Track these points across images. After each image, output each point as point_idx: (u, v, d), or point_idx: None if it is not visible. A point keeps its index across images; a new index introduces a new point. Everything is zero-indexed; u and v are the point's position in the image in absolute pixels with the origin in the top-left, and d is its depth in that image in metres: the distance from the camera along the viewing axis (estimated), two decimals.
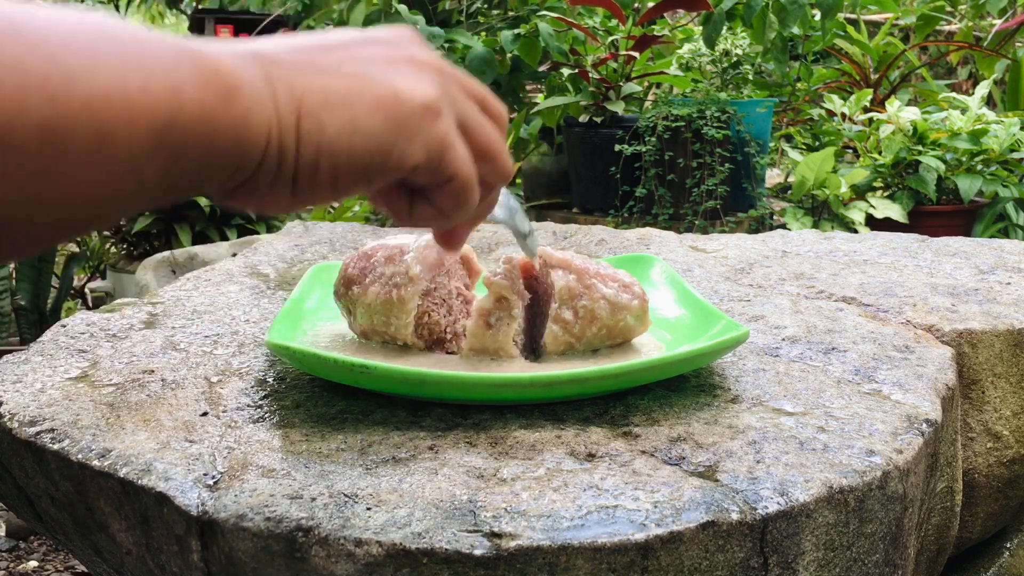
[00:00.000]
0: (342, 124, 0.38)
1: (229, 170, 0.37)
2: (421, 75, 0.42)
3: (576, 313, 0.68)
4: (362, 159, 0.39)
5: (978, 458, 0.80)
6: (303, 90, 0.38)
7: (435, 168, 0.42)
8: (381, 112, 0.39)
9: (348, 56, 0.41)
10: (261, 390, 0.68)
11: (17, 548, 1.54)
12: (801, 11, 2.95)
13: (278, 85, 0.37)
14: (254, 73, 0.37)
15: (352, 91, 0.39)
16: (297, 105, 0.38)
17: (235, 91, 0.35)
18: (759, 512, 0.51)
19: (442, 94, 0.42)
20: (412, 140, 0.40)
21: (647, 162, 2.76)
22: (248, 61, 0.37)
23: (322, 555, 0.48)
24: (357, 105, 0.39)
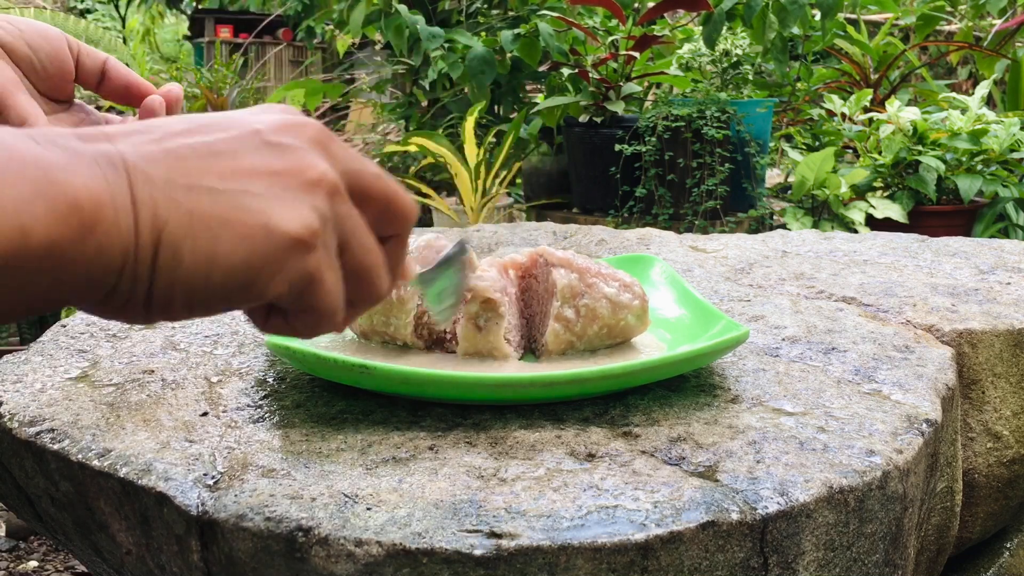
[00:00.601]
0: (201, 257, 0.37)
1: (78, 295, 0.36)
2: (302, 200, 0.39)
3: (578, 312, 0.68)
4: (219, 292, 0.38)
5: (978, 458, 0.80)
6: (166, 216, 0.36)
7: (296, 299, 0.41)
8: (246, 246, 0.38)
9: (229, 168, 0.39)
10: (261, 390, 0.68)
11: (17, 548, 1.54)
12: (801, 11, 2.95)
13: (141, 211, 0.36)
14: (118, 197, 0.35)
15: (220, 218, 0.37)
16: (157, 235, 0.36)
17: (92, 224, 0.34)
18: (759, 512, 0.51)
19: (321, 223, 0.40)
20: (275, 275, 0.39)
21: (647, 162, 2.76)
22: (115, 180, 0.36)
23: (322, 555, 0.48)
24: (221, 237, 0.37)
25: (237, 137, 0.40)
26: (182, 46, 9.13)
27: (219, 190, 0.38)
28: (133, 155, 0.37)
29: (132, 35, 7.77)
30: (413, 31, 3.30)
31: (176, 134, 0.39)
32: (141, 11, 7.79)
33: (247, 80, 4.36)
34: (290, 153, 0.40)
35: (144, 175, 0.36)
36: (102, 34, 3.09)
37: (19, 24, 0.68)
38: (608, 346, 0.71)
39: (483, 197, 3.02)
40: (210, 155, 0.39)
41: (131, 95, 0.72)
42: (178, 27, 9.71)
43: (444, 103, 3.62)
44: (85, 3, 9.57)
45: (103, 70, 0.71)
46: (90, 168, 0.35)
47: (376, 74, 4.20)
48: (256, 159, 0.39)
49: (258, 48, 7.20)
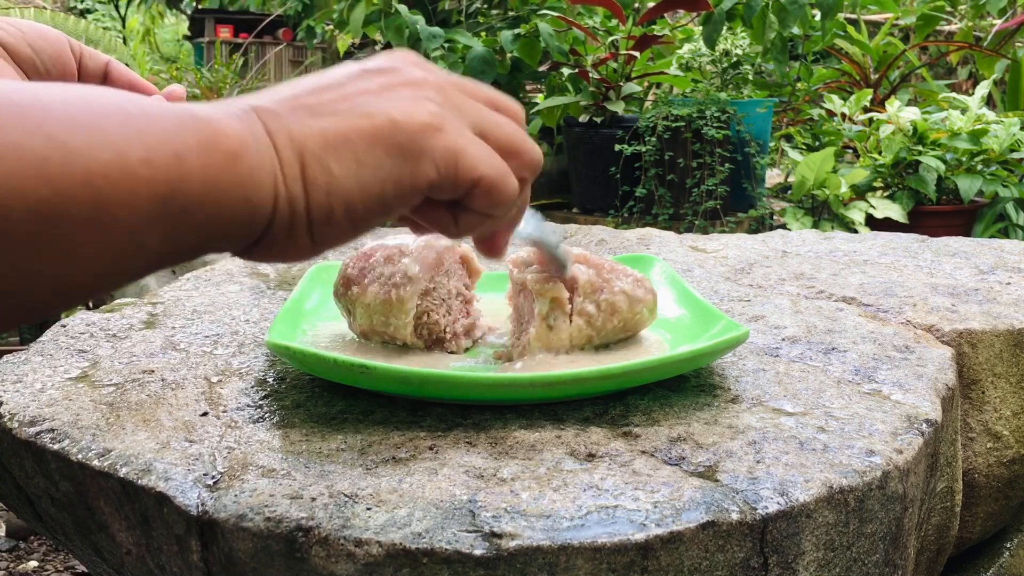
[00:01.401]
0: (346, 163, 0.39)
1: (242, 228, 0.38)
2: (417, 96, 0.42)
3: (598, 307, 0.69)
4: (373, 192, 0.40)
5: (978, 458, 0.80)
6: (302, 137, 0.39)
7: (453, 179, 0.42)
8: (381, 143, 0.40)
9: (341, 94, 0.42)
10: (261, 390, 0.68)
11: (17, 548, 1.54)
12: (801, 11, 2.95)
13: (277, 137, 0.38)
14: (255, 129, 0.38)
15: (349, 128, 0.40)
16: (299, 153, 0.39)
17: (238, 152, 0.36)
18: (759, 512, 0.51)
19: (441, 108, 0.43)
20: (419, 161, 0.41)
21: (647, 162, 2.76)
22: (246, 117, 0.38)
23: (322, 555, 0.48)
24: (357, 141, 0.40)
25: (339, 74, 0.43)
26: (182, 46, 9.14)
27: (339, 110, 0.41)
28: (256, 101, 0.40)
29: (132, 35, 7.77)
30: (413, 31, 3.30)
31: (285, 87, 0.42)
32: (141, 11, 7.79)
33: (247, 80, 4.36)
34: (389, 72, 0.44)
35: (270, 112, 0.39)
36: (102, 34, 3.08)
37: (21, 26, 0.68)
38: (619, 340, 0.72)
39: None
40: (320, 90, 0.42)
41: None
42: (178, 27, 9.71)
43: None
44: (85, 3, 9.57)
45: (105, 72, 0.71)
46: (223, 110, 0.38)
47: None
48: (361, 83, 0.43)
49: (258, 48, 7.20)
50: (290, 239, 0.39)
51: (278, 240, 0.39)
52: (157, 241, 0.34)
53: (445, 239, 0.73)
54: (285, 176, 0.38)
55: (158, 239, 0.34)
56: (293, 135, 0.39)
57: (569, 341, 0.70)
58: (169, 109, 0.35)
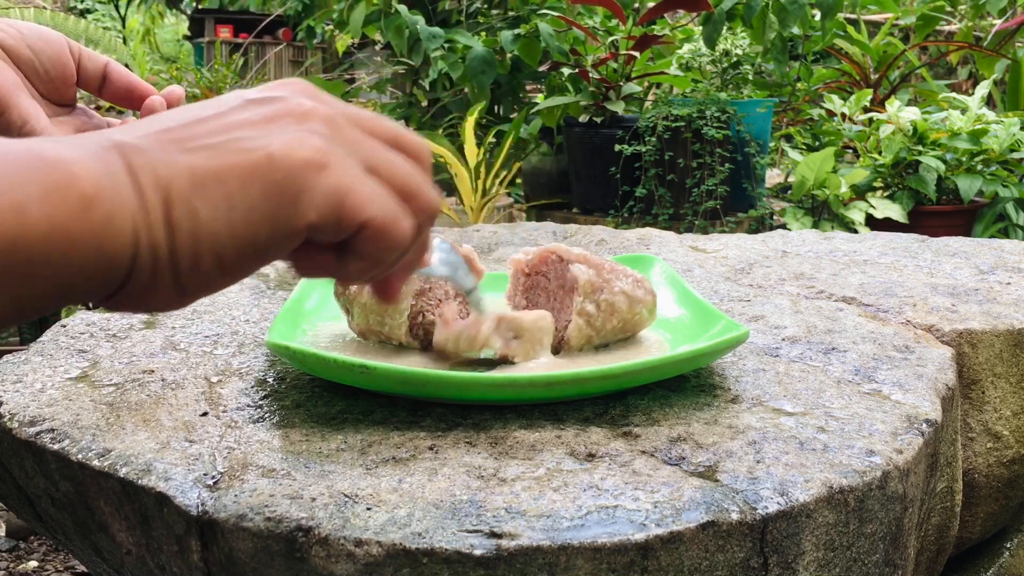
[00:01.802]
0: (216, 205, 0.36)
1: (98, 279, 0.34)
2: (301, 129, 0.39)
3: (598, 306, 0.69)
4: (245, 237, 0.36)
5: (978, 458, 0.80)
6: (168, 176, 0.35)
7: (336, 221, 0.38)
8: (257, 181, 0.36)
9: (217, 126, 0.38)
10: (261, 390, 0.68)
11: (17, 548, 1.54)
12: (801, 11, 2.95)
13: (141, 177, 0.35)
14: (113, 169, 0.34)
15: (222, 166, 0.36)
16: (165, 194, 0.35)
17: (92, 197, 0.33)
18: (759, 512, 0.51)
19: (327, 143, 0.39)
20: (297, 202, 0.37)
21: (647, 162, 2.76)
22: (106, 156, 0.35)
23: (322, 555, 0.48)
24: (229, 180, 0.36)
25: (220, 103, 0.39)
26: (182, 46, 9.14)
27: (213, 144, 0.37)
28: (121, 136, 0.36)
29: (132, 35, 7.77)
30: (413, 31, 3.30)
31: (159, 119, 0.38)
32: (141, 11, 7.79)
33: (247, 80, 4.36)
34: (274, 102, 0.40)
35: (135, 148, 0.36)
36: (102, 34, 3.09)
37: (20, 27, 0.68)
38: (619, 340, 0.72)
39: (483, 197, 3.02)
40: (194, 122, 0.38)
41: (133, 98, 0.72)
42: (178, 27, 9.71)
43: (444, 103, 3.62)
44: (85, 3, 9.58)
45: (104, 73, 0.71)
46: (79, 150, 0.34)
47: (376, 74, 4.21)
48: (241, 113, 0.39)
49: (258, 48, 7.20)
50: (153, 289, 0.36)
51: (139, 290, 0.36)
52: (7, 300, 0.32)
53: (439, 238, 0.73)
54: (148, 221, 0.35)
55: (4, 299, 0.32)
56: (159, 174, 0.35)
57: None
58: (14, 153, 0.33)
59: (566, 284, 0.71)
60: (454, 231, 1.29)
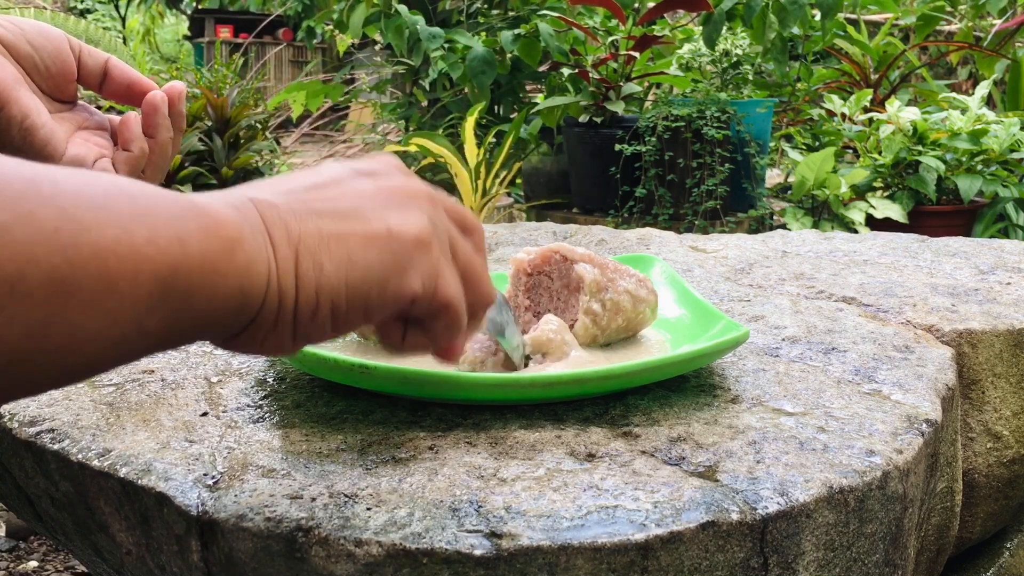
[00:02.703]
0: (338, 262, 0.40)
1: (231, 317, 0.38)
2: (410, 208, 0.43)
3: (604, 305, 0.70)
4: (360, 294, 0.40)
5: (978, 458, 0.80)
6: (299, 232, 0.39)
7: (430, 298, 0.43)
8: (375, 249, 0.41)
9: (339, 193, 0.42)
10: (261, 390, 0.68)
11: (17, 548, 1.54)
12: (801, 11, 2.95)
13: (274, 230, 0.39)
14: (252, 220, 0.38)
15: (346, 228, 0.41)
16: (295, 248, 0.39)
17: (237, 241, 0.37)
18: (759, 512, 0.51)
19: (431, 225, 0.43)
20: (407, 273, 0.42)
21: (647, 162, 2.76)
22: (244, 208, 0.38)
23: (322, 555, 0.48)
24: (351, 242, 0.40)
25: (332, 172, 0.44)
26: (182, 46, 9.14)
27: (337, 210, 0.41)
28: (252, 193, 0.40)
29: (132, 35, 7.77)
30: (413, 31, 3.30)
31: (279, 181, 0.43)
32: (141, 11, 7.80)
33: (247, 80, 4.35)
34: (383, 177, 0.45)
35: (268, 204, 0.40)
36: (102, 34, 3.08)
37: (20, 23, 0.67)
38: (622, 339, 0.73)
39: (483, 197, 3.02)
40: (317, 186, 0.42)
41: (133, 94, 0.71)
42: (178, 27, 9.71)
43: (444, 103, 3.62)
44: (85, 3, 9.58)
45: (105, 70, 0.71)
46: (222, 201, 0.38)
47: (376, 74, 4.21)
48: (358, 184, 0.43)
49: (258, 48, 7.20)
50: (273, 333, 0.40)
51: (261, 333, 0.39)
52: (155, 324, 0.35)
53: None
54: (279, 270, 0.38)
55: (156, 322, 0.34)
56: (290, 228, 0.39)
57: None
58: (171, 195, 0.36)
59: (571, 283, 0.72)
60: None
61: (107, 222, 0.33)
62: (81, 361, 0.33)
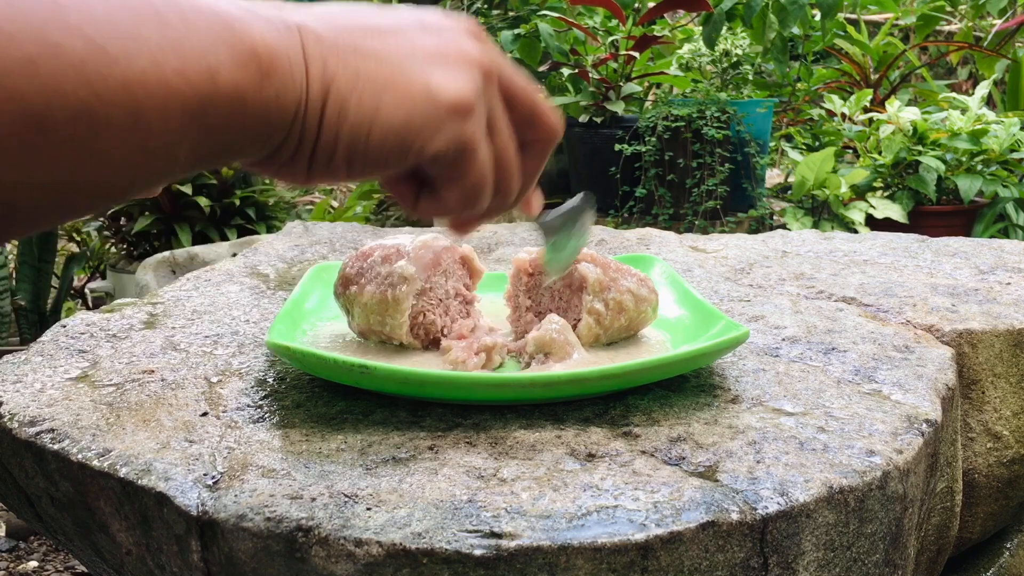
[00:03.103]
0: (365, 113, 0.39)
1: (254, 146, 0.37)
2: (461, 72, 0.41)
3: (607, 305, 0.70)
4: (380, 148, 0.40)
5: (978, 458, 0.80)
6: (334, 72, 0.38)
7: (451, 165, 0.42)
8: (407, 105, 0.39)
9: (395, 42, 0.41)
10: (261, 390, 0.68)
11: (17, 548, 1.54)
12: (801, 11, 2.95)
13: (312, 66, 0.38)
14: (292, 52, 0.37)
15: (384, 79, 0.39)
16: (326, 89, 0.38)
17: (269, 72, 0.36)
18: (759, 512, 0.51)
19: (477, 95, 0.42)
20: (434, 136, 0.40)
21: (647, 162, 2.76)
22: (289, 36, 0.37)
23: (322, 555, 0.48)
24: (385, 94, 0.39)
25: (399, 18, 0.42)
26: None
27: (383, 55, 0.40)
28: (303, 19, 0.39)
29: None
30: None
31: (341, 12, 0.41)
32: None
33: None
34: (449, 35, 0.42)
35: (314, 35, 0.38)
36: None
37: None
38: (624, 339, 0.73)
39: None
40: (375, 28, 0.41)
41: None
42: None
43: None
44: None
45: None
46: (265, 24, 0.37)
47: None
48: (417, 37, 0.41)
49: None
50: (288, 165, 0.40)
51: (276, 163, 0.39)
52: (184, 152, 0.34)
53: (443, 239, 0.73)
54: (307, 107, 0.38)
55: (186, 150, 0.34)
56: (327, 66, 0.38)
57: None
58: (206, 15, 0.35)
59: (573, 283, 0.72)
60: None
61: (136, 52, 0.32)
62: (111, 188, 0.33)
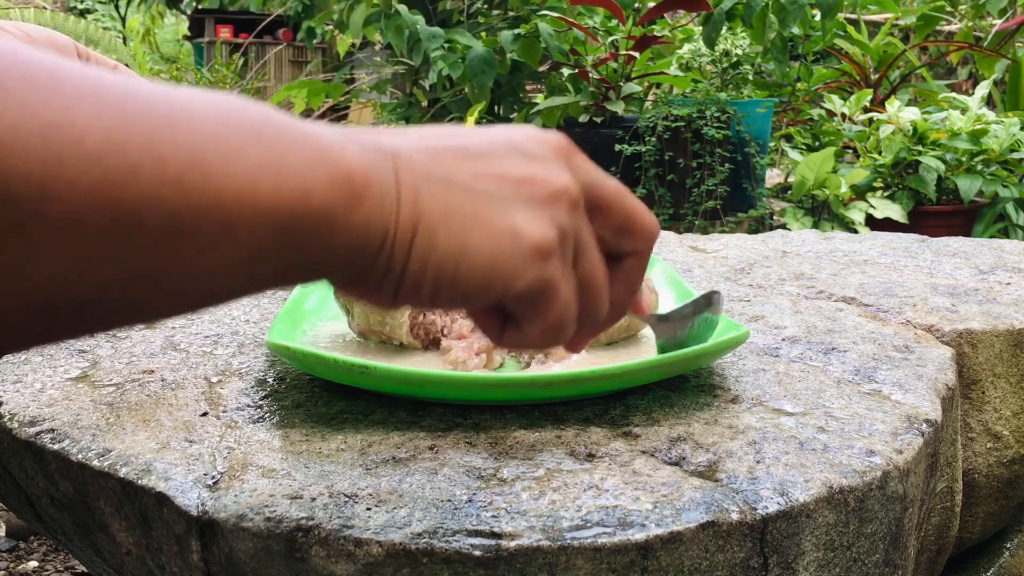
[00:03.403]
0: (454, 248, 0.39)
1: (338, 271, 0.38)
2: (545, 210, 0.41)
3: None
4: (466, 284, 0.40)
5: (978, 458, 0.80)
6: (426, 204, 0.38)
7: (531, 306, 0.42)
8: (493, 244, 0.40)
9: (483, 171, 0.41)
10: (261, 390, 0.68)
11: (17, 548, 1.54)
12: (801, 11, 2.95)
13: (404, 192, 0.38)
14: (385, 177, 0.37)
15: (471, 217, 0.39)
16: (416, 220, 0.38)
17: (361, 198, 0.36)
18: (759, 512, 0.51)
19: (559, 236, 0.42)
20: (516, 276, 0.41)
21: (647, 162, 2.76)
22: (382, 161, 0.37)
23: (322, 555, 0.48)
24: (472, 232, 0.39)
25: (491, 142, 0.42)
26: (182, 46, 9.13)
27: (472, 189, 0.40)
28: (398, 145, 0.39)
29: (132, 35, 7.77)
30: (413, 31, 3.30)
31: (433, 135, 0.41)
32: (141, 11, 7.79)
33: (247, 80, 4.36)
34: (538, 161, 0.42)
35: (408, 162, 0.38)
36: (102, 34, 3.08)
37: (29, 30, 0.68)
38: (624, 339, 0.73)
39: None
40: (466, 155, 0.41)
41: None
42: (178, 27, 9.71)
43: (444, 103, 3.62)
44: (85, 3, 9.57)
45: None
46: (360, 149, 0.37)
47: (376, 74, 4.21)
48: (507, 163, 0.41)
49: (258, 48, 7.20)
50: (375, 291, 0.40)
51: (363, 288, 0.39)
52: (266, 270, 0.35)
53: None
54: (397, 236, 0.38)
55: (267, 268, 0.34)
56: (420, 197, 0.38)
57: None
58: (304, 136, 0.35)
59: None
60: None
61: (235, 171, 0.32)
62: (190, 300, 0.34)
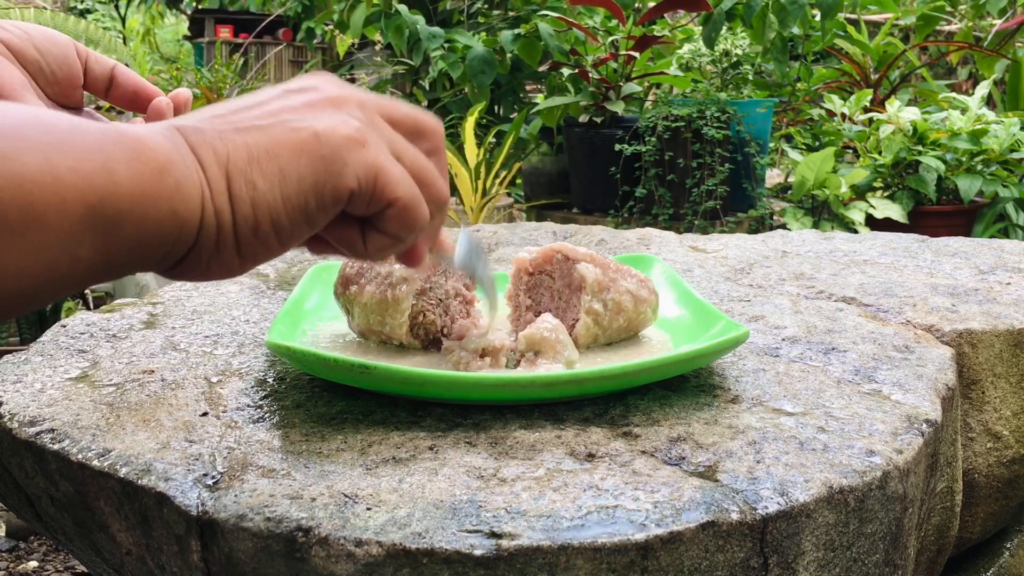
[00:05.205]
0: (271, 176, 0.40)
1: (170, 242, 0.38)
2: (339, 111, 0.43)
3: (605, 305, 0.70)
4: (297, 204, 0.41)
5: (978, 458, 0.80)
6: (227, 152, 0.40)
7: (371, 194, 0.43)
8: (305, 155, 0.41)
9: (265, 111, 0.42)
10: (261, 390, 0.68)
11: (17, 548, 1.54)
12: (801, 11, 2.95)
13: (202, 152, 0.39)
14: (179, 146, 0.38)
15: (273, 142, 0.41)
16: (224, 168, 0.39)
17: (164, 165, 0.37)
18: (759, 512, 0.51)
19: (365, 125, 0.43)
20: (341, 173, 0.42)
21: (647, 162, 2.76)
22: (170, 135, 0.39)
23: (322, 555, 0.48)
24: (281, 155, 0.41)
25: (261, 93, 0.44)
26: (182, 46, 9.13)
27: (263, 125, 0.42)
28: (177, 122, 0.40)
29: (132, 35, 7.77)
30: (413, 31, 3.30)
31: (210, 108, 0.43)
32: (141, 11, 7.79)
33: (247, 80, 4.35)
34: (311, 91, 0.45)
35: (193, 129, 0.40)
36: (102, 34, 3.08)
37: (28, 29, 0.68)
38: (623, 339, 0.73)
39: (483, 197, 3.02)
40: (243, 108, 0.43)
41: (139, 100, 0.72)
42: (178, 27, 9.71)
43: (444, 103, 3.62)
44: (85, 3, 9.57)
45: (111, 76, 0.71)
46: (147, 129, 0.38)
47: (376, 74, 4.20)
48: (283, 100, 0.44)
49: (258, 48, 7.20)
50: (217, 254, 0.40)
51: (204, 256, 0.40)
52: (88, 251, 0.34)
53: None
54: (211, 190, 0.39)
55: (89, 249, 0.34)
56: (217, 150, 0.39)
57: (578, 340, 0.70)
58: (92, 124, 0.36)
59: (572, 283, 0.72)
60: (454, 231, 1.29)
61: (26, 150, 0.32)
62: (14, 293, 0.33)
